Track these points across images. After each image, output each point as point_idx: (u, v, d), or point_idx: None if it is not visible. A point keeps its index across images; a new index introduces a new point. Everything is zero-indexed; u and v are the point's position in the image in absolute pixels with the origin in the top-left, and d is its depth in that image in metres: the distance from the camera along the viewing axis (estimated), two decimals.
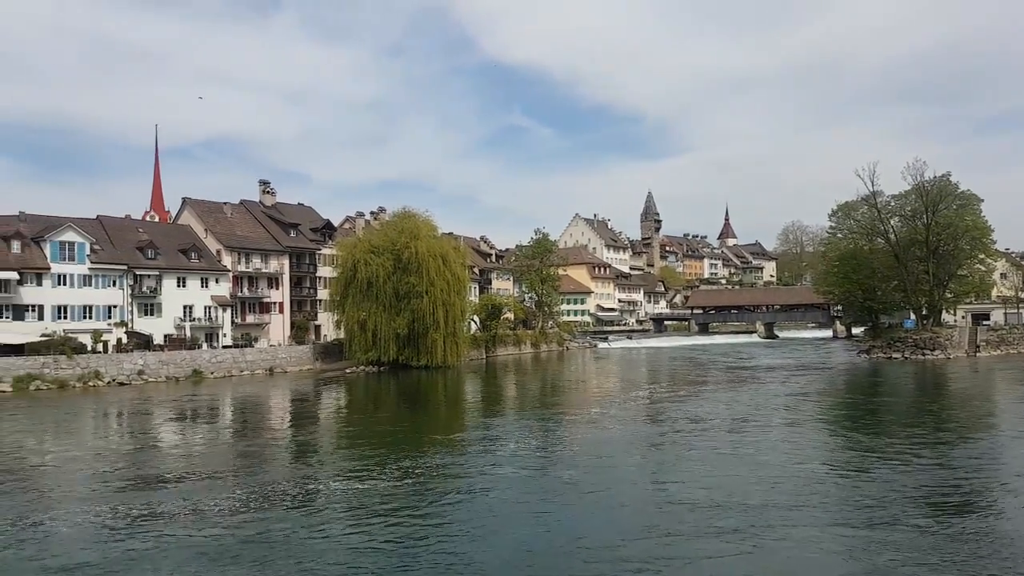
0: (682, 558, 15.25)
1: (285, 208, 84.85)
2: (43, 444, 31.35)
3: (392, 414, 41.77)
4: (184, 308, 67.77)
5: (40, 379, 52.54)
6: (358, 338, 66.20)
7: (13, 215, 62.06)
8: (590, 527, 17.43)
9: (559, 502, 19.70)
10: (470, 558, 15.35)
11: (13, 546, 16.39)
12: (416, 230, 69.48)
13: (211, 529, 17.52)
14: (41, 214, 63.39)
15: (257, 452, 28.76)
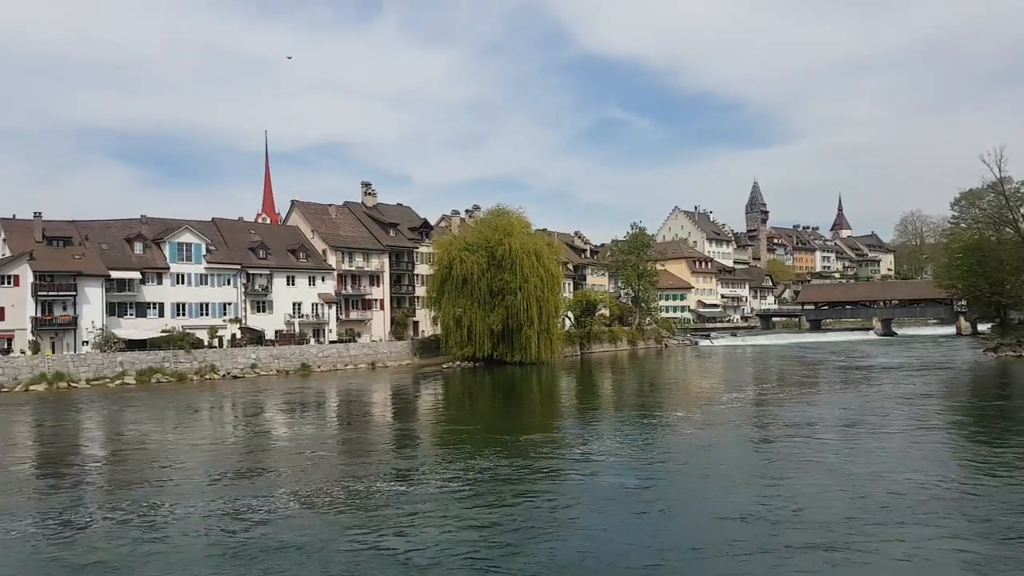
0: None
1: (385, 208, 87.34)
2: (164, 435, 33.36)
3: (487, 409, 42.06)
4: (293, 305, 70.98)
5: (161, 372, 56.36)
6: (454, 334, 67.18)
7: (136, 218, 66.82)
8: (678, 537, 16.63)
9: (648, 507, 19.02)
10: (556, 561, 15.01)
11: (135, 536, 17.33)
12: (510, 227, 69.70)
13: (315, 519, 18.03)
14: (161, 217, 67.96)
15: (361, 444, 29.64)
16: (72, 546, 16.37)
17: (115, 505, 19.72)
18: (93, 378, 53.30)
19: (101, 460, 27.71)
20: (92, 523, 18.10)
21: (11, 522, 18.12)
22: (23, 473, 25.21)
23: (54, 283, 55.95)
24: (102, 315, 58.35)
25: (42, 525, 17.94)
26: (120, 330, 59.15)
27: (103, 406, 42.71)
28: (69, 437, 33.41)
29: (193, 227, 66.82)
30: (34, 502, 20.71)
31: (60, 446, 30.76)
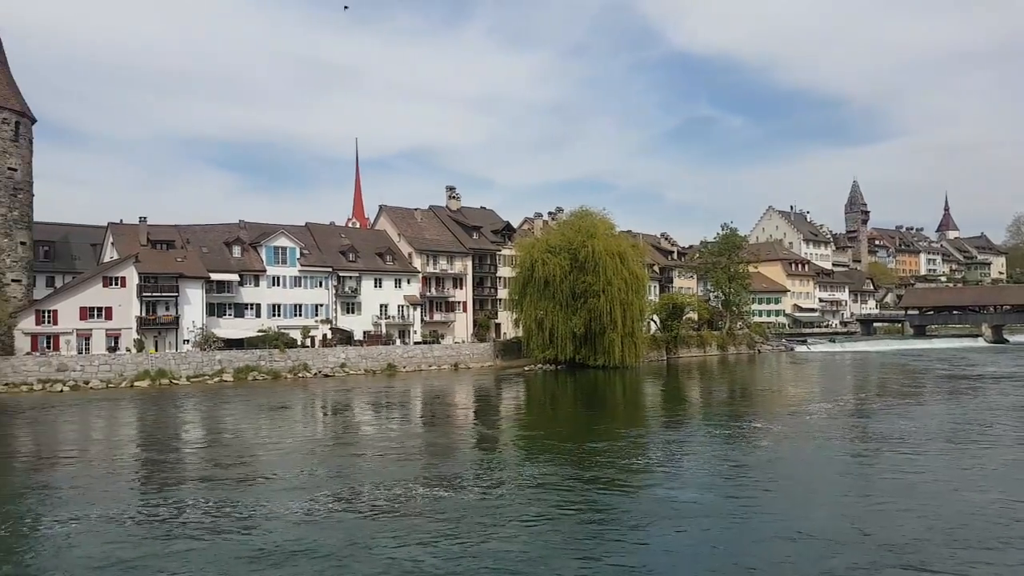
0: None
1: (469, 212, 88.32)
2: (258, 431, 34.65)
3: (568, 413, 41.67)
4: (380, 307, 72.78)
5: (257, 370, 58.85)
6: (535, 336, 67.01)
7: (234, 223, 70.11)
8: (759, 558, 15.73)
9: (728, 522, 18.17)
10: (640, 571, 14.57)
11: (226, 527, 18.00)
12: (593, 229, 68.99)
13: (395, 519, 18.23)
14: (258, 222, 71.00)
15: (444, 445, 29.94)
16: (166, 536, 17.09)
17: (209, 498, 20.54)
18: (193, 375, 56.24)
19: (199, 454, 29.04)
20: (187, 513, 18.85)
21: (110, 510, 19.14)
22: (126, 464, 26.75)
23: (158, 284, 59.38)
24: (202, 315, 61.51)
25: (140, 513, 18.85)
26: (219, 330, 62.19)
27: (202, 402, 44.93)
28: (170, 431, 35.24)
29: (288, 231, 69.57)
30: (133, 492, 21.85)
31: (161, 440, 32.47)
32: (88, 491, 21.58)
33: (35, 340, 54.58)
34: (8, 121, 56.13)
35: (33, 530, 17.64)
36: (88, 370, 53.31)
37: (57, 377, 51.72)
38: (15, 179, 56.67)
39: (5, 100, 56.34)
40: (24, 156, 57.92)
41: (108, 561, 15.20)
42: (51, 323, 55.33)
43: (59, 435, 34.36)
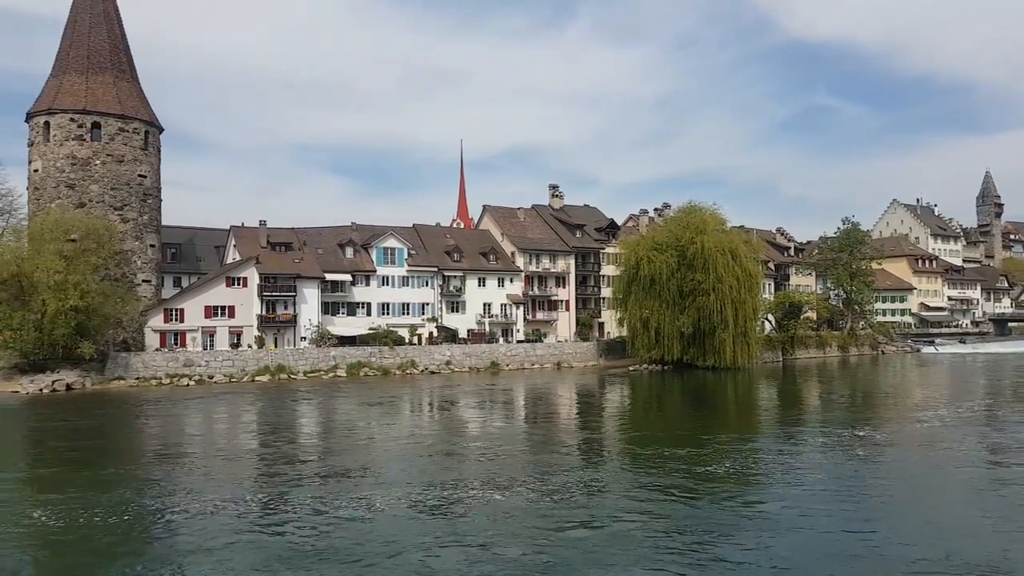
0: None
1: (572, 210, 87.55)
2: (370, 425, 35.38)
3: (677, 415, 40.15)
4: (484, 305, 73.34)
5: (368, 366, 60.48)
6: (641, 336, 65.43)
7: (347, 225, 72.45)
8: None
9: (850, 544, 16.57)
10: None
11: (338, 518, 18.15)
12: (702, 224, 66.65)
13: (508, 516, 17.85)
14: (369, 224, 73.12)
15: (548, 442, 29.39)
16: (280, 524, 17.37)
17: (320, 488, 20.90)
18: (309, 370, 58.42)
19: (314, 446, 29.87)
20: (299, 502, 19.17)
21: (228, 497, 19.71)
22: (246, 454, 27.77)
23: (276, 284, 62.17)
24: (318, 313, 63.92)
25: (256, 501, 19.31)
26: (333, 327, 64.41)
27: (318, 396, 46.50)
28: (288, 424, 36.55)
29: (396, 233, 71.27)
30: (252, 482, 22.50)
31: (280, 432, 33.65)
32: (209, 479, 22.39)
33: (163, 337, 58.28)
34: (138, 131, 60.24)
35: (157, 517, 18.31)
36: (212, 365, 56.37)
37: (184, 372, 54.95)
38: (145, 185, 60.75)
39: (135, 111, 60.48)
40: (153, 164, 62.03)
41: (221, 545, 15.49)
42: (178, 321, 58.92)
43: (185, 426, 36.26)
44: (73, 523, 17.36)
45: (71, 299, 49.47)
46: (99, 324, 52.95)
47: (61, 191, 57.39)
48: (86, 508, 18.48)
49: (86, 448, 28.89)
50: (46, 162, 57.94)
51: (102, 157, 58.27)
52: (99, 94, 58.81)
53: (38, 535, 16.76)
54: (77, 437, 31.87)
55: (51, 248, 50.89)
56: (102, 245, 54.39)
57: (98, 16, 60.22)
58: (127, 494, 20.02)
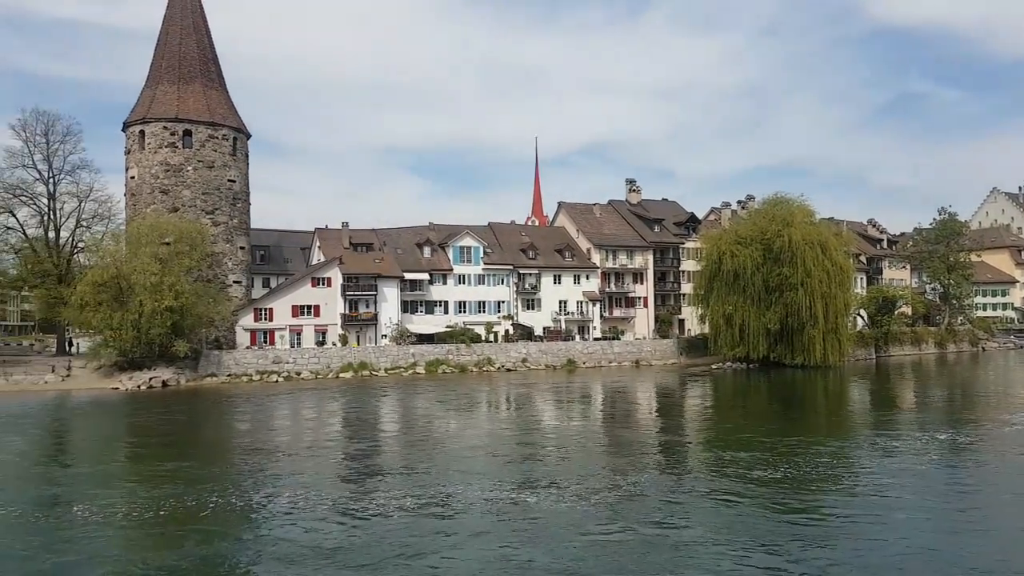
0: None
1: (650, 204, 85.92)
2: (448, 420, 35.64)
3: (763, 416, 38.57)
4: (559, 303, 72.96)
5: (445, 364, 61.07)
6: (724, 333, 63.56)
7: (424, 225, 73.35)
8: None
9: (955, 557, 15.31)
10: None
11: (419, 511, 18.17)
12: (789, 217, 64.13)
13: (580, 511, 17.45)
14: (446, 223, 73.79)
15: (626, 441, 28.75)
16: (361, 518, 17.47)
17: (401, 480, 20.96)
18: (390, 367, 59.44)
19: (395, 440, 30.25)
20: (382, 496, 19.25)
21: (313, 490, 20.00)
22: (331, 448, 28.28)
23: (358, 284, 63.58)
24: (398, 312, 65.02)
25: (339, 495, 19.52)
26: (412, 325, 65.36)
27: (398, 392, 47.21)
28: (371, 419, 37.18)
29: (472, 232, 71.70)
30: (335, 475, 22.82)
31: (363, 427, 34.25)
32: (296, 473, 22.82)
33: (254, 335, 60.45)
34: (227, 137, 62.60)
35: (246, 508, 18.71)
36: (299, 362, 58.08)
37: (273, 368, 56.79)
38: (234, 190, 63.10)
39: (224, 119, 62.87)
40: (241, 169, 64.36)
41: (305, 538, 15.63)
42: (267, 320, 60.99)
43: (275, 421, 37.31)
44: (172, 511, 17.92)
45: (166, 300, 51.78)
46: (193, 323, 55.23)
47: (156, 196, 60.24)
48: (181, 497, 19.07)
49: (181, 442, 30.07)
50: (142, 169, 60.93)
51: (193, 163, 60.83)
52: (190, 103, 61.41)
53: (138, 524, 17.37)
54: (172, 431, 33.26)
55: (147, 251, 53.41)
56: (195, 248, 56.71)
57: (187, 27, 62.90)
58: (218, 486, 20.59)
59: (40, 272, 61.38)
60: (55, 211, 62.61)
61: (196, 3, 64.15)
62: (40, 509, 18.32)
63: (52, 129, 62.04)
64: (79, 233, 63.61)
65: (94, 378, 52.73)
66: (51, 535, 16.43)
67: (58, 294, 57.82)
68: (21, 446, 29.64)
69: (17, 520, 17.39)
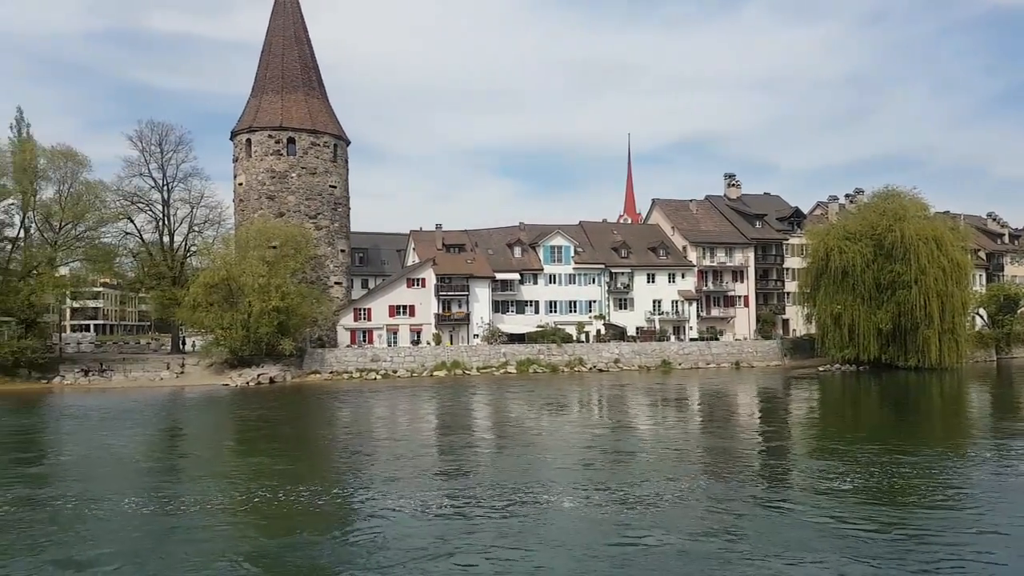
0: None
1: (750, 199, 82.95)
2: (540, 420, 35.35)
3: (875, 422, 36.32)
4: (653, 302, 71.54)
5: (536, 363, 61.07)
6: (831, 333, 60.64)
7: (515, 226, 73.63)
8: None
9: None
10: None
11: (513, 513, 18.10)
12: (901, 211, 60.50)
13: (674, 520, 16.85)
14: (536, 223, 73.83)
15: (726, 447, 27.54)
16: (457, 516, 17.52)
17: (493, 479, 20.91)
18: (482, 366, 60.01)
19: (487, 438, 30.28)
20: (475, 493, 19.27)
21: (409, 485, 20.25)
22: (426, 443, 28.69)
23: (451, 284, 64.56)
24: (489, 311, 65.55)
25: (436, 491, 19.66)
26: (503, 325, 65.74)
27: (490, 391, 47.54)
28: (464, 417, 37.56)
29: (563, 231, 71.38)
30: (430, 471, 23.00)
31: (457, 424, 34.58)
32: (393, 467, 23.21)
33: (353, 334, 62.49)
34: (328, 144, 64.94)
35: (344, 504, 19.14)
36: (396, 360, 59.56)
37: (371, 366, 58.47)
38: (335, 195, 65.39)
39: (325, 126, 65.24)
40: (341, 175, 66.62)
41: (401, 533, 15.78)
42: (366, 319, 62.90)
43: (374, 417, 38.33)
44: (275, 505, 18.55)
45: (273, 300, 54.23)
46: (297, 323, 57.60)
47: (263, 202, 63.21)
48: (284, 491, 19.70)
49: (286, 437, 31.23)
50: (249, 176, 64.07)
51: (297, 170, 63.46)
52: (293, 111, 64.09)
53: (242, 516, 18.09)
54: (278, 426, 34.66)
55: (255, 254, 56.14)
56: (299, 251, 59.18)
57: (289, 39, 65.66)
58: (318, 480, 21.18)
59: (156, 275, 65.57)
60: (169, 217, 66.83)
61: (298, 15, 66.88)
62: (153, 501, 19.34)
63: (166, 139, 66.12)
64: (191, 237, 67.67)
65: (206, 375, 55.85)
66: (161, 526, 17.31)
67: (172, 295, 61.60)
68: (140, 439, 31.61)
69: (132, 512, 18.44)
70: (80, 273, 66.44)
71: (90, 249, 60.77)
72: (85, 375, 54.27)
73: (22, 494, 20.08)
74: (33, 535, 16.33)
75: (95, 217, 58.92)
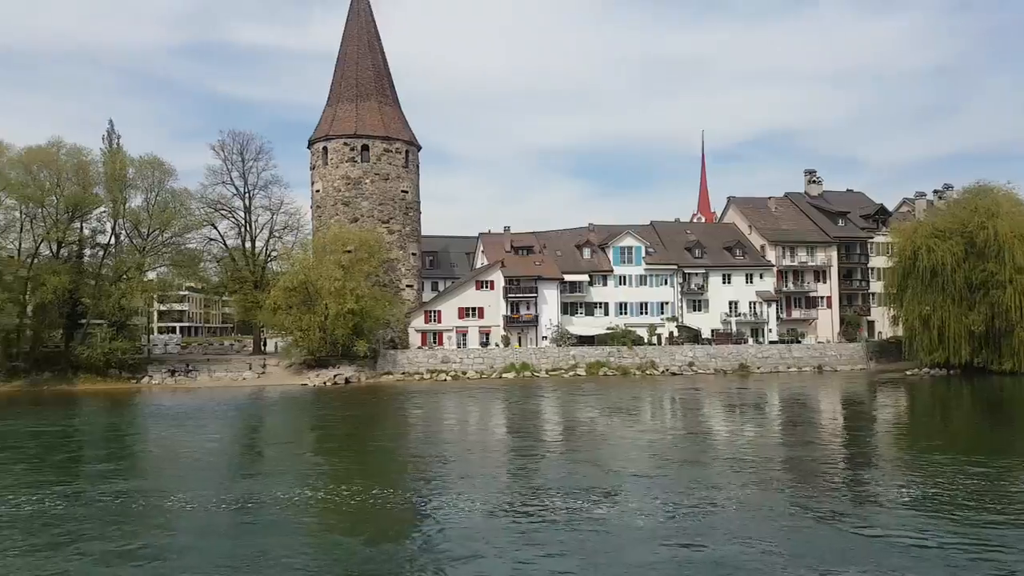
0: None
1: (832, 196, 79.81)
2: (611, 424, 34.78)
3: (967, 431, 34.21)
4: (729, 304, 69.69)
5: (606, 366, 60.43)
6: (920, 336, 57.66)
7: (584, 227, 73.14)
8: None
9: None
10: None
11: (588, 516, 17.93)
12: (994, 207, 56.97)
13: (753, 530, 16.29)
14: (605, 224, 73.08)
15: (809, 457, 26.33)
16: (527, 520, 17.43)
17: (563, 484, 20.75)
18: (551, 368, 59.84)
19: (557, 441, 30.15)
20: (546, 498, 19.11)
21: (481, 488, 20.28)
22: (496, 446, 28.80)
23: (520, 286, 64.69)
24: (557, 313, 65.32)
25: (505, 494, 19.62)
26: (572, 327, 65.38)
27: (560, 394, 47.37)
28: (534, 419, 37.60)
29: (633, 232, 70.43)
30: (501, 474, 22.97)
31: (527, 426, 34.57)
32: (464, 469, 23.35)
33: (424, 336, 63.43)
34: (400, 150, 66.17)
35: (418, 503, 19.31)
36: (465, 362, 60.14)
37: (441, 368, 59.22)
38: (407, 200, 66.56)
39: (398, 133, 66.47)
40: (413, 180, 67.73)
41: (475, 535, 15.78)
42: (436, 322, 63.76)
43: (445, 417, 38.78)
44: (348, 504, 18.91)
45: (348, 303, 55.64)
46: (371, 325, 58.89)
47: (338, 208, 64.93)
48: (364, 487, 20.08)
49: (361, 436, 31.87)
50: (325, 183, 65.93)
51: (371, 176, 64.92)
52: (366, 119, 65.58)
53: (318, 513, 18.53)
54: (354, 425, 35.53)
55: (331, 259, 57.73)
56: (373, 255, 60.55)
57: (363, 48, 67.21)
58: (390, 479, 21.49)
59: (238, 279, 68.27)
60: (251, 223, 69.47)
61: (371, 24, 68.38)
62: (233, 498, 19.99)
63: (247, 148, 68.88)
64: (271, 243, 70.19)
65: (285, 375, 57.76)
66: (239, 520, 17.89)
67: (254, 299, 64.03)
68: (223, 437, 32.94)
69: (213, 508, 19.13)
70: (167, 278, 69.65)
71: (176, 255, 63.70)
72: (172, 375, 56.98)
73: (116, 488, 21.14)
74: (123, 527, 17.16)
75: (181, 224, 61.72)
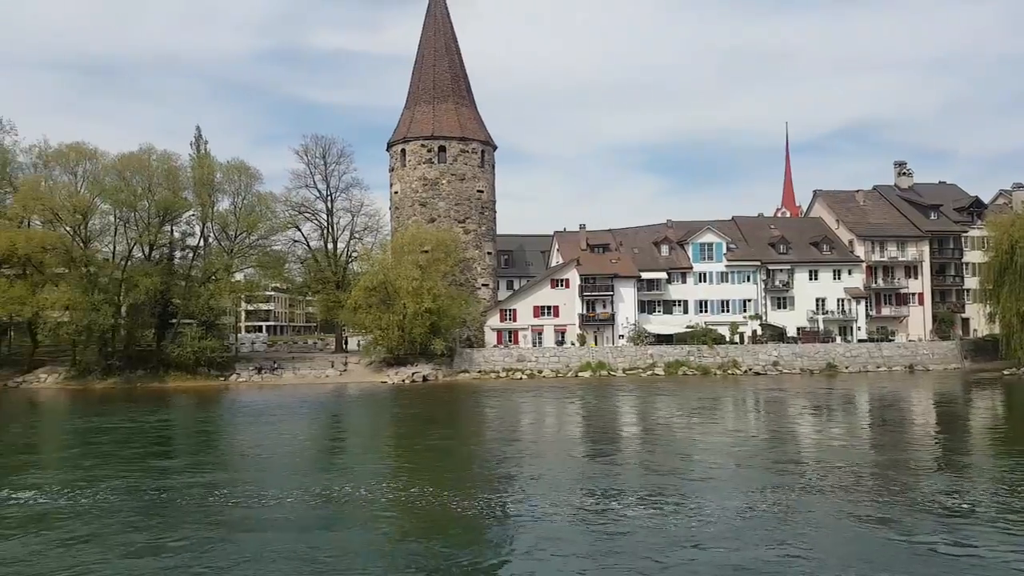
0: None
1: (923, 189, 75.90)
2: (691, 426, 34.02)
3: None
4: (816, 301, 67.29)
5: (686, 365, 59.25)
6: (1018, 334, 54.87)
7: (661, 223, 71.91)
8: None
9: None
10: None
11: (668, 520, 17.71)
12: None
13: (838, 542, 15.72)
14: (684, 220, 71.67)
15: (901, 460, 25.11)
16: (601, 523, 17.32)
17: (639, 486, 20.51)
18: (628, 368, 59.13)
19: (634, 443, 29.84)
20: (624, 500, 18.97)
21: (559, 489, 20.26)
22: (574, 446, 28.70)
23: (595, 284, 64.20)
24: (634, 312, 64.46)
25: (582, 496, 19.56)
26: (649, 325, 64.41)
27: (638, 394, 46.75)
28: (611, 420, 37.31)
29: (713, 227, 68.82)
30: (579, 475, 22.87)
31: (604, 427, 34.37)
32: (539, 469, 23.34)
33: (500, 335, 63.80)
34: (476, 151, 66.80)
35: (494, 502, 19.42)
36: (541, 361, 60.14)
37: (517, 366, 59.42)
38: (482, 199, 67.10)
39: (474, 134, 67.12)
40: (488, 179, 68.22)
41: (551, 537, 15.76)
42: (511, 320, 64.01)
43: (521, 417, 38.90)
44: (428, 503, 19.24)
45: (425, 302, 56.53)
46: (448, 324, 59.64)
47: (416, 209, 66.10)
48: (440, 485, 20.37)
49: (438, 434, 32.39)
50: (403, 184, 67.22)
51: (447, 177, 65.81)
52: (443, 121, 66.49)
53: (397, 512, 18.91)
54: (431, 422, 36.07)
55: (409, 259, 58.78)
56: (449, 255, 61.33)
57: (440, 50, 68.16)
58: (467, 479, 21.77)
59: (321, 279, 70.45)
60: (333, 225, 71.58)
61: (448, 26, 69.27)
62: (315, 493, 20.63)
63: (328, 152, 71.02)
64: (352, 244, 72.10)
65: (366, 372, 59.20)
66: (320, 515, 18.44)
67: (336, 298, 65.90)
68: (307, 433, 34.06)
69: (295, 501, 19.77)
70: (253, 278, 72.50)
71: (262, 256, 66.21)
72: (258, 372, 59.26)
73: (205, 480, 22.19)
74: (211, 518, 17.94)
75: (266, 226, 64.09)
